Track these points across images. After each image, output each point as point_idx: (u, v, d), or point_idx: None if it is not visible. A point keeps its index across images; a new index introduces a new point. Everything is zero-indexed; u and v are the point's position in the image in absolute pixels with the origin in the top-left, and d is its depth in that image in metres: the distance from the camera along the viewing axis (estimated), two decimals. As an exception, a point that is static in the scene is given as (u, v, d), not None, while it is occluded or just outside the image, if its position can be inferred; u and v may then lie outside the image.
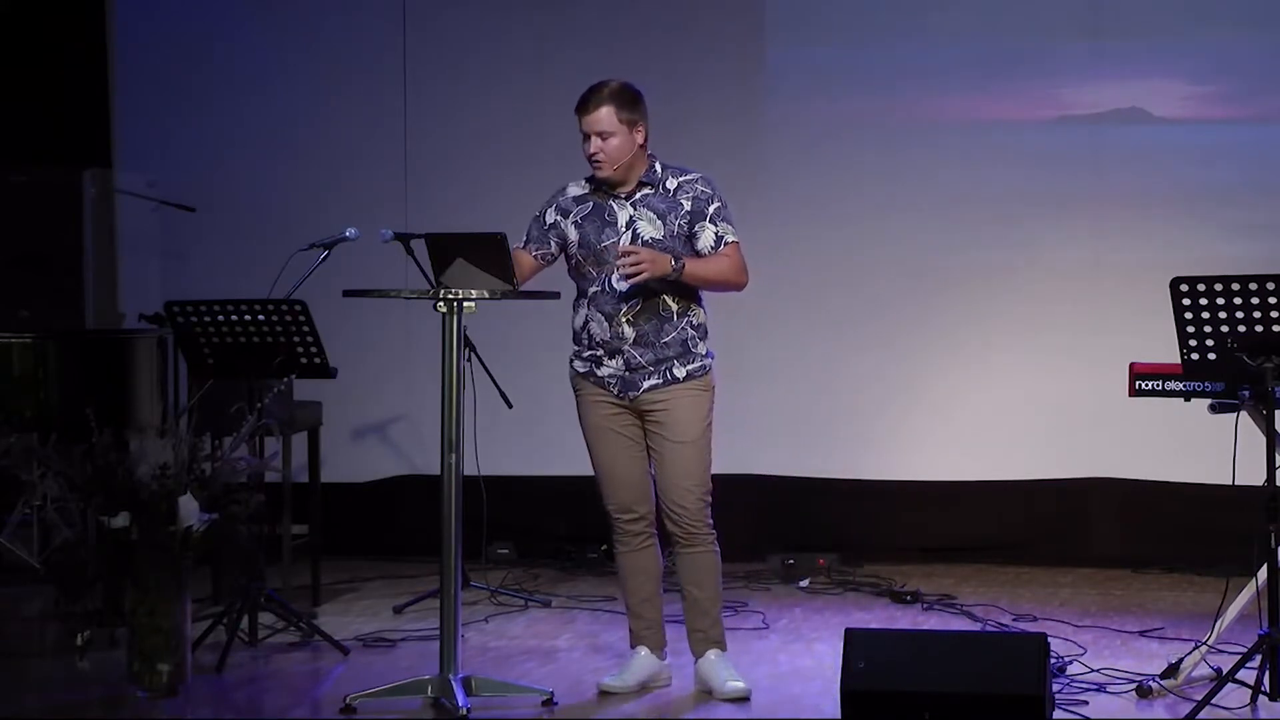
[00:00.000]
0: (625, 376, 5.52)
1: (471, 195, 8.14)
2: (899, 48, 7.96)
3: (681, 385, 5.51)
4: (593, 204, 5.59)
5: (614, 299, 5.49)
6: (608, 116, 5.53)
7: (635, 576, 5.66)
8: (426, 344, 6.45)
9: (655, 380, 5.51)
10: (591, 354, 5.57)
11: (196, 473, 5.63)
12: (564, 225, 5.60)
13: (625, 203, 5.55)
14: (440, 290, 5.42)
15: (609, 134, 5.52)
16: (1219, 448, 5.34)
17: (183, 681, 5.58)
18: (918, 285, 7.93)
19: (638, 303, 5.48)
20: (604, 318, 5.51)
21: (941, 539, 7.99)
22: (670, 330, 5.51)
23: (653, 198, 5.54)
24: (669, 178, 5.57)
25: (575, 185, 5.68)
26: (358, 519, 8.22)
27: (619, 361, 5.52)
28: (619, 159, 5.52)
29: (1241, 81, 7.72)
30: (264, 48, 8.40)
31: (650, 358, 5.50)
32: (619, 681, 5.62)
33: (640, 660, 5.66)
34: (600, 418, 5.59)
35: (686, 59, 7.99)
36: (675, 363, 5.52)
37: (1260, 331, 5.20)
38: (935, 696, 4.79)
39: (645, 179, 5.55)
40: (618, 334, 5.50)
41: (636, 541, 5.64)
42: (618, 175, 5.54)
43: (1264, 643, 5.28)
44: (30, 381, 6.57)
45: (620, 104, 5.55)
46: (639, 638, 5.68)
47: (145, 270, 8.36)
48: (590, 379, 5.59)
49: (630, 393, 5.52)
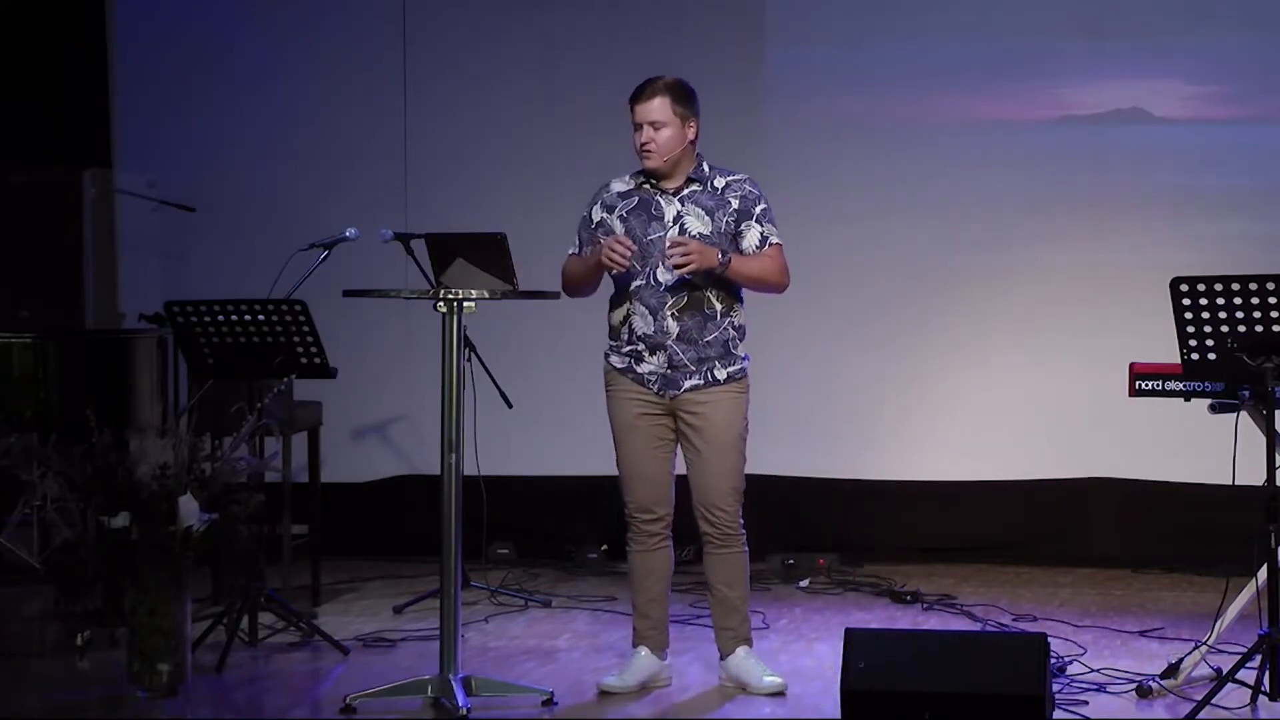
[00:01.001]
0: (667, 374, 5.52)
1: (471, 195, 8.15)
2: (899, 48, 7.96)
3: (721, 387, 5.53)
4: (639, 199, 5.60)
5: (659, 292, 5.49)
6: (661, 107, 5.52)
7: (647, 577, 5.67)
8: (426, 344, 6.45)
9: (696, 380, 5.51)
10: (632, 349, 5.55)
11: (196, 473, 5.63)
12: (610, 220, 5.61)
13: (673, 198, 5.55)
14: (440, 290, 5.42)
15: (661, 124, 5.50)
16: (1219, 448, 5.35)
17: (183, 681, 5.58)
18: (918, 285, 7.93)
19: (684, 297, 5.49)
20: (648, 311, 5.51)
21: (941, 539, 7.99)
22: (713, 329, 5.52)
23: (700, 194, 5.55)
24: (716, 176, 5.58)
25: (619, 181, 5.68)
26: (358, 519, 8.22)
27: (662, 358, 5.51)
28: (669, 151, 5.51)
29: (1241, 81, 7.72)
30: (264, 48, 8.40)
31: (693, 355, 5.49)
32: (619, 681, 5.62)
33: (641, 660, 5.67)
34: (633, 415, 5.57)
35: (686, 59, 7.95)
36: (717, 363, 5.53)
37: (1260, 331, 5.20)
38: (935, 696, 4.79)
39: (694, 175, 5.56)
40: (662, 328, 5.49)
41: (652, 542, 5.64)
42: (665, 168, 5.53)
43: (1264, 643, 5.28)
44: (30, 381, 6.57)
45: (675, 96, 5.54)
46: (642, 637, 5.69)
47: (145, 270, 8.36)
48: (629, 375, 5.57)
49: (670, 391, 5.52)
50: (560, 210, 8.13)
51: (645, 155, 5.52)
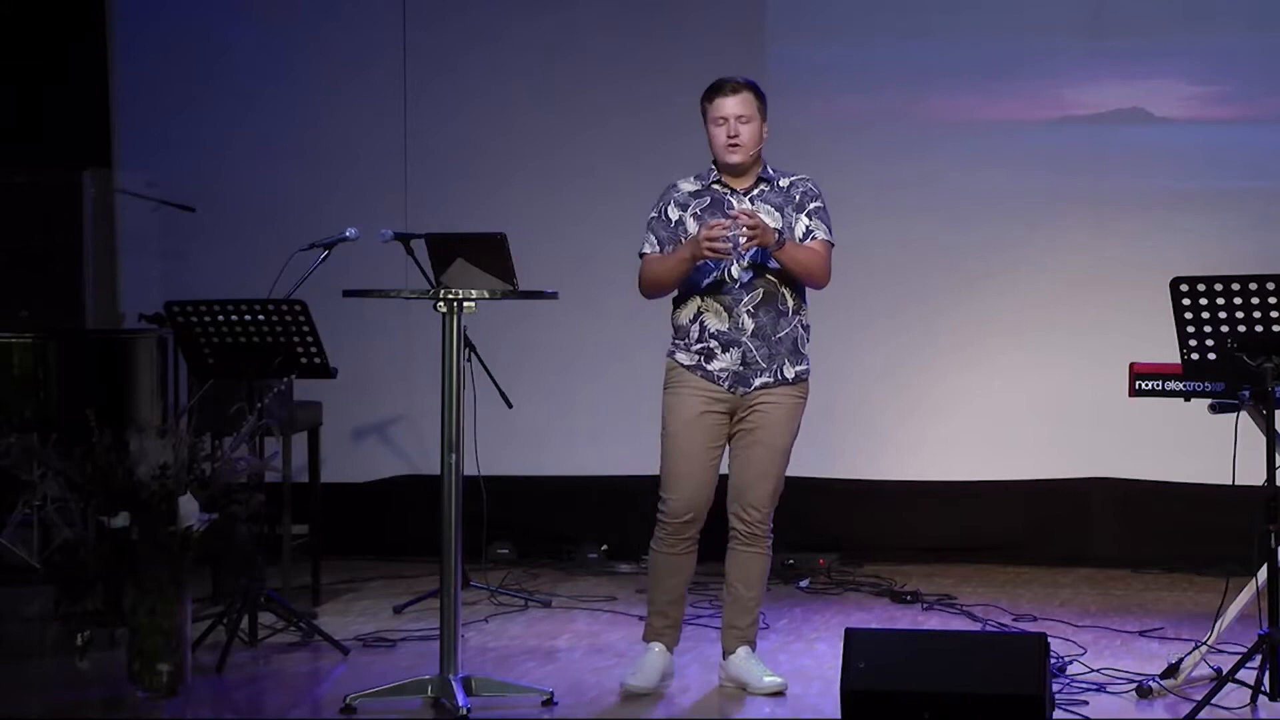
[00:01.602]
0: (739, 371, 5.49)
1: (471, 195, 8.15)
2: (899, 48, 7.96)
3: (788, 388, 5.53)
4: (710, 198, 5.58)
5: (734, 289, 5.48)
6: (747, 102, 5.52)
7: (672, 577, 5.65)
8: (426, 344, 6.45)
9: (766, 378, 5.51)
10: (703, 347, 5.52)
11: (196, 473, 5.63)
12: (685, 218, 5.57)
13: (744, 197, 5.55)
14: (440, 290, 5.42)
15: (748, 118, 5.51)
16: (1219, 448, 5.35)
17: (183, 681, 5.57)
18: (917, 285, 7.93)
19: (759, 293, 5.48)
20: (722, 308, 5.49)
21: (941, 539, 7.99)
22: (785, 326, 5.52)
23: (769, 193, 5.57)
24: (781, 177, 5.61)
25: (686, 181, 5.66)
26: (358, 519, 8.22)
27: (735, 354, 5.49)
28: (753, 146, 5.52)
29: (1242, 81, 7.72)
30: (264, 48, 8.40)
31: (765, 352, 5.48)
32: (643, 681, 5.59)
33: (655, 656, 5.67)
34: (696, 411, 5.52)
35: (687, 59, 7.98)
36: (786, 362, 5.53)
37: (1260, 331, 5.20)
38: (935, 696, 4.79)
39: (763, 175, 5.58)
40: (737, 325, 5.48)
41: (683, 546, 5.61)
42: (746, 164, 5.53)
43: (1264, 643, 5.28)
44: (30, 381, 6.56)
45: (756, 93, 5.58)
46: (658, 634, 5.69)
47: (145, 270, 8.36)
48: (698, 372, 5.53)
49: (741, 388, 5.49)
50: (560, 210, 8.18)
51: (732, 149, 5.49)
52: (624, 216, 8.08)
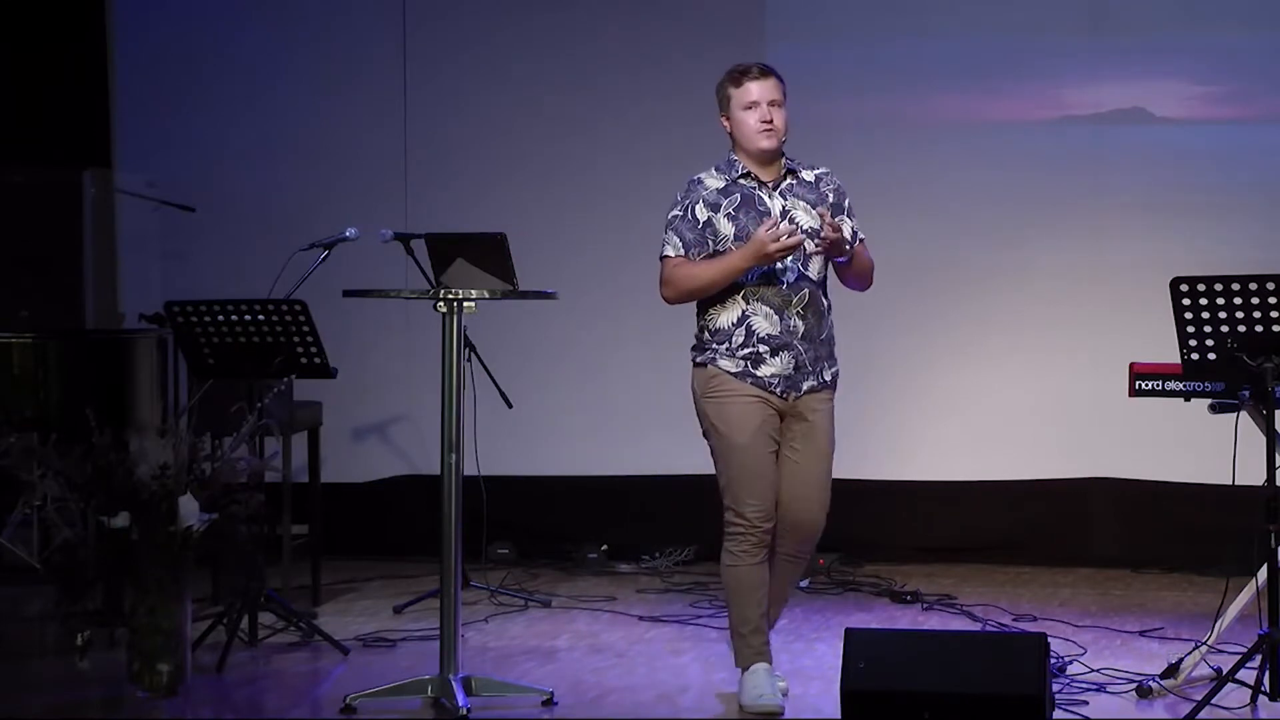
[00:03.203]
0: (790, 375, 5.31)
1: (471, 195, 8.15)
2: (899, 48, 7.95)
3: (828, 391, 5.40)
4: (740, 195, 5.35)
5: (783, 290, 5.29)
6: (778, 86, 5.36)
7: (758, 590, 5.37)
8: (426, 344, 6.45)
9: (812, 382, 5.35)
10: (750, 352, 5.30)
11: (196, 473, 5.63)
12: (716, 219, 5.33)
13: (774, 191, 5.36)
14: (440, 290, 5.42)
15: (780, 103, 5.34)
16: (1219, 448, 5.35)
17: (183, 681, 5.57)
18: (917, 285, 7.92)
19: (805, 294, 5.31)
20: (772, 310, 5.29)
21: (941, 539, 7.99)
22: (826, 327, 5.39)
23: (798, 187, 5.39)
24: (801, 169, 5.44)
25: (709, 176, 5.41)
26: (358, 519, 8.22)
27: (786, 358, 5.30)
28: (784, 132, 5.35)
29: (1242, 81, 7.72)
30: (264, 48, 8.40)
31: (812, 355, 5.33)
32: (777, 702, 5.30)
33: (769, 676, 5.37)
34: (759, 422, 5.30)
35: (687, 59, 7.98)
36: (825, 364, 5.39)
37: (1260, 331, 5.20)
38: (935, 696, 4.79)
39: (789, 166, 5.41)
40: (788, 327, 5.29)
41: (763, 554, 5.37)
42: (778, 152, 5.36)
43: (1264, 643, 5.28)
44: (30, 381, 6.56)
45: (780, 79, 5.39)
46: (759, 654, 5.38)
47: (145, 270, 8.36)
48: (747, 379, 5.31)
49: (793, 393, 5.31)
50: (560, 210, 8.18)
51: (766, 134, 5.29)
52: (624, 216, 8.12)
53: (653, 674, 5.91)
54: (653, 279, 8.27)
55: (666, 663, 6.08)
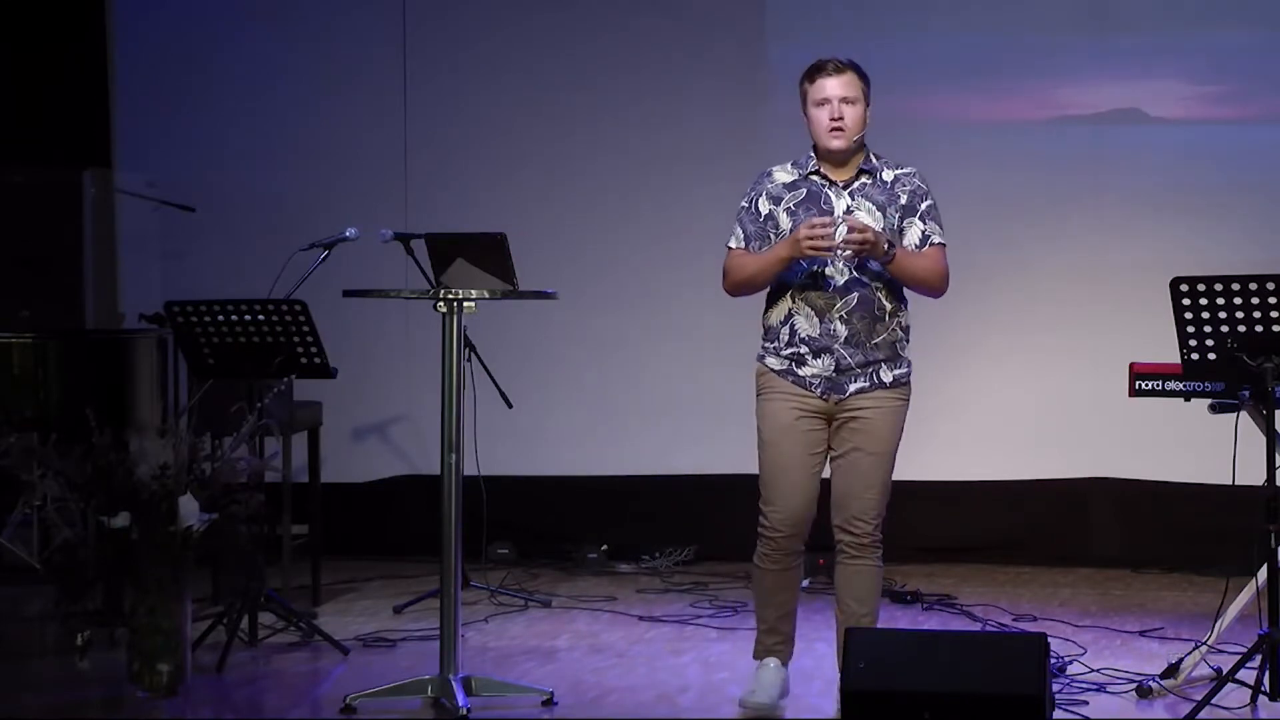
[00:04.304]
0: (832, 378, 5.19)
1: (471, 195, 8.15)
2: (899, 47, 7.95)
3: (888, 391, 5.24)
4: (806, 190, 5.25)
5: (827, 293, 5.17)
6: (852, 82, 5.22)
7: (781, 593, 5.35)
8: (426, 344, 6.45)
9: (862, 383, 5.21)
10: (794, 351, 5.22)
11: (196, 473, 5.63)
12: (777, 213, 5.24)
13: (843, 191, 5.24)
14: (440, 290, 5.42)
15: (854, 100, 5.21)
16: (1219, 448, 5.35)
17: (183, 681, 5.57)
18: (917, 285, 7.92)
19: (854, 297, 5.17)
20: (814, 312, 5.18)
21: (941, 539, 7.98)
22: (881, 331, 5.22)
23: (871, 188, 5.26)
24: (884, 169, 5.30)
25: (782, 170, 5.32)
26: (358, 519, 8.22)
27: (827, 361, 5.19)
28: (858, 130, 5.22)
29: (1242, 81, 7.72)
30: (264, 48, 8.40)
31: (860, 359, 5.19)
32: (764, 697, 5.29)
33: (772, 672, 5.37)
34: (791, 418, 5.22)
35: (688, 58, 7.99)
36: (884, 366, 5.23)
37: (1260, 331, 5.20)
38: (935, 696, 4.79)
39: (865, 167, 5.27)
40: (829, 331, 5.17)
41: (789, 561, 5.33)
42: (850, 151, 5.23)
43: (1264, 643, 5.28)
44: (30, 381, 6.56)
45: (861, 74, 5.25)
46: (769, 650, 5.39)
47: (145, 270, 8.36)
48: (789, 377, 5.23)
49: (836, 395, 5.20)
50: (560, 210, 8.18)
51: (835, 134, 5.18)
52: (624, 216, 8.13)
53: (653, 674, 5.91)
54: (653, 279, 8.31)
55: (666, 663, 6.08)
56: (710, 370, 7.87)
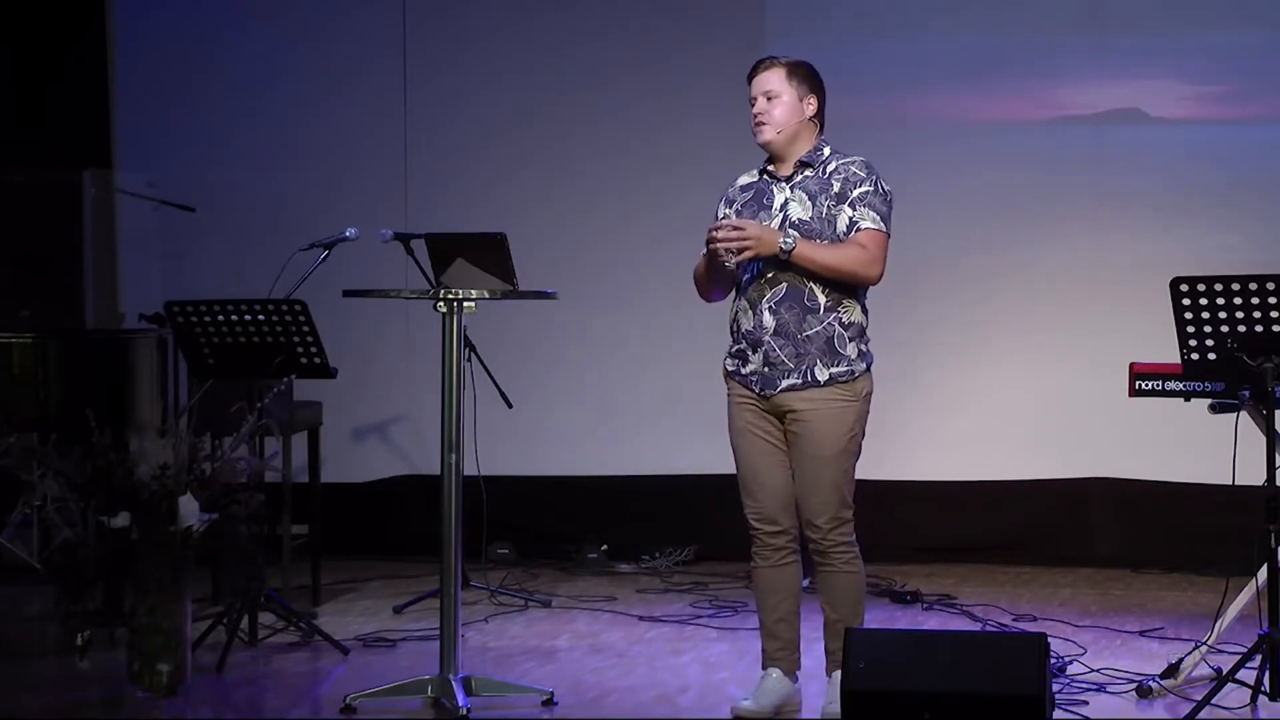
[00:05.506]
0: (764, 373, 5.18)
1: (471, 195, 8.15)
2: (898, 48, 7.96)
3: (823, 390, 5.16)
4: (755, 189, 5.30)
5: (758, 284, 5.18)
6: (776, 77, 5.22)
7: (773, 594, 5.32)
8: (426, 344, 6.45)
9: (794, 380, 5.16)
10: (739, 349, 5.26)
11: (196, 473, 5.63)
12: (730, 216, 5.29)
13: (784, 185, 5.24)
14: (440, 290, 5.42)
15: (775, 94, 5.20)
16: (1219, 448, 5.35)
17: (183, 681, 5.57)
18: (917, 286, 7.90)
19: (782, 288, 5.14)
20: (748, 306, 5.21)
21: (941, 539, 7.98)
22: (814, 324, 5.15)
23: (809, 179, 5.23)
24: (832, 160, 5.25)
25: (746, 175, 5.38)
26: (358, 519, 8.22)
27: (759, 356, 5.19)
28: (783, 124, 5.20)
29: (1241, 81, 7.72)
30: (264, 48, 8.41)
31: (790, 352, 5.14)
32: (755, 705, 5.27)
33: (773, 682, 5.33)
34: (745, 420, 5.25)
35: (687, 58, 7.99)
36: (818, 362, 5.16)
37: (1260, 331, 5.20)
38: (935, 696, 4.79)
39: (806, 159, 5.24)
40: (759, 323, 5.17)
41: (777, 557, 5.29)
42: (780, 146, 5.22)
43: (1264, 643, 5.28)
44: (30, 381, 6.56)
45: (792, 70, 5.24)
46: (771, 659, 5.35)
47: (145, 270, 8.36)
48: (736, 377, 5.27)
49: (769, 390, 5.18)
50: (560, 210, 8.18)
51: (758, 128, 5.22)
52: (624, 216, 8.13)
53: (653, 674, 5.91)
54: (652, 279, 8.31)
55: (666, 663, 6.08)
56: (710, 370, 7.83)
